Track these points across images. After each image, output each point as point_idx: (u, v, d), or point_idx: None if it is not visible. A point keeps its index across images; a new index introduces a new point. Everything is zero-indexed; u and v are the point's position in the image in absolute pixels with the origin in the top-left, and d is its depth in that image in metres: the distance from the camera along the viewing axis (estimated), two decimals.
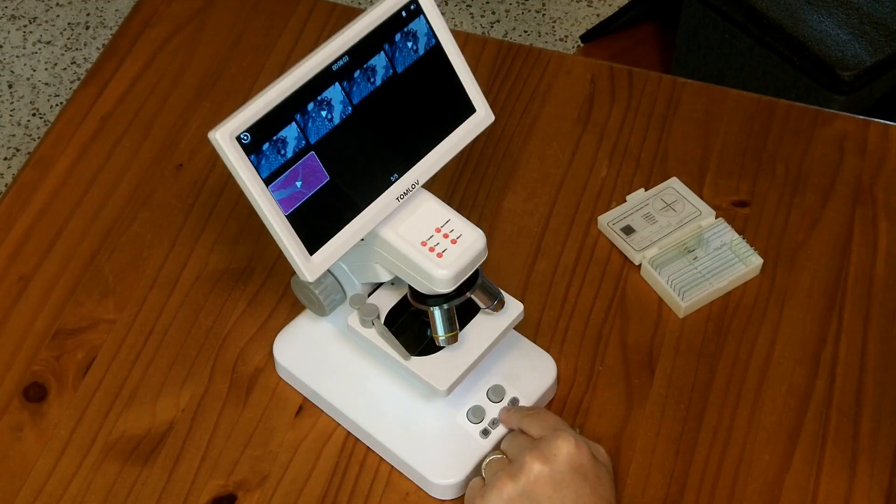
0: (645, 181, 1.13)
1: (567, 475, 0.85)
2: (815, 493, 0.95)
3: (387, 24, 0.86)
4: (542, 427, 0.90)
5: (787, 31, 1.66)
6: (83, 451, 0.97)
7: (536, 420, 0.91)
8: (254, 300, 1.05)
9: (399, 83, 0.87)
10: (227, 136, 0.80)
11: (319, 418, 0.99)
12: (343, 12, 1.27)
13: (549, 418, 0.91)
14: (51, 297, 1.05)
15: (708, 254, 1.06)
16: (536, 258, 1.08)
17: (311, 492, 0.95)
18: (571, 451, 0.86)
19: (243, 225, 1.10)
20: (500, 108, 1.19)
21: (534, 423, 0.91)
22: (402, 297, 0.95)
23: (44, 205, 1.12)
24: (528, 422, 0.92)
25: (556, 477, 0.85)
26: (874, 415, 0.98)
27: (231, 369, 1.01)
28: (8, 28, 2.40)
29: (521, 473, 0.86)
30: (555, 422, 0.91)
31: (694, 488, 0.95)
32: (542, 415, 0.92)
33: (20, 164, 2.18)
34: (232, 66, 1.23)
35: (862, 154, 1.15)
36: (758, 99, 1.20)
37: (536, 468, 0.86)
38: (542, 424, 0.91)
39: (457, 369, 0.92)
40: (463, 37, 1.23)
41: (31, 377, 1.01)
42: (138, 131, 1.17)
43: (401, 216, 0.88)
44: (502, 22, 2.42)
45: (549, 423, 0.91)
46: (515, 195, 1.13)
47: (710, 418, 0.99)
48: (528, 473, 0.86)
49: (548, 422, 0.91)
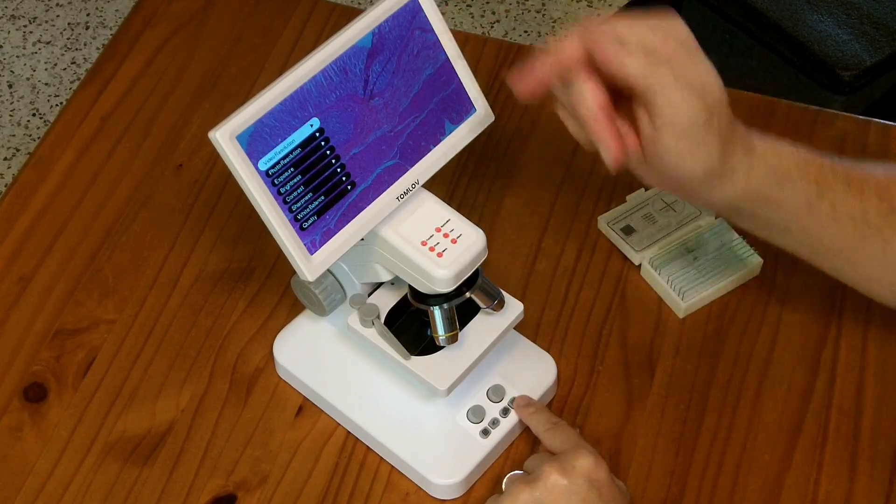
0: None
1: (583, 488, 0.85)
2: (815, 493, 0.95)
3: (387, 23, 0.86)
4: (562, 442, 0.91)
5: (787, 31, 1.66)
6: (83, 451, 0.97)
7: (557, 435, 0.92)
8: (254, 300, 1.05)
9: (399, 83, 0.87)
10: (227, 135, 0.80)
11: (319, 418, 0.99)
12: (343, 12, 1.27)
13: (571, 434, 0.92)
14: (51, 297, 1.05)
15: (708, 254, 1.06)
16: (536, 258, 1.08)
17: (311, 492, 0.95)
18: (590, 466, 0.86)
19: (243, 225, 1.10)
20: (500, 108, 1.19)
21: (555, 438, 0.92)
22: (402, 297, 0.95)
23: (44, 205, 1.12)
24: (549, 436, 0.92)
25: (571, 488, 0.85)
26: (874, 415, 0.98)
27: (231, 369, 1.01)
28: (8, 28, 2.40)
29: (539, 482, 0.86)
30: (576, 438, 0.91)
31: (694, 488, 0.95)
32: (562, 429, 0.92)
33: (20, 164, 2.18)
34: (232, 66, 1.23)
35: (862, 154, 1.15)
36: (758, 99, 1.20)
37: (553, 478, 0.86)
38: (563, 439, 0.91)
39: (457, 369, 0.92)
40: (463, 37, 1.23)
41: (31, 377, 1.01)
42: (138, 131, 1.17)
43: (401, 216, 0.88)
44: (502, 22, 2.42)
45: (571, 438, 0.91)
46: (515, 195, 1.13)
47: (710, 418, 0.99)
48: (545, 482, 0.86)
49: (569, 437, 0.91)
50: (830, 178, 0.86)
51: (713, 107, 0.79)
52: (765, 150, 0.84)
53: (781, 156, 0.85)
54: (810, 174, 0.85)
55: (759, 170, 0.83)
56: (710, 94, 0.79)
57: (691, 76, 0.78)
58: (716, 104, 0.80)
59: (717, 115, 0.80)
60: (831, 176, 0.86)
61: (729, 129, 0.81)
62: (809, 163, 0.85)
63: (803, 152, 0.85)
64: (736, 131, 0.82)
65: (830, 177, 0.86)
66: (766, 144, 0.84)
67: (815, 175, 0.85)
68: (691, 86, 0.78)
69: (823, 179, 0.85)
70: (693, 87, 0.78)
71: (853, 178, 0.86)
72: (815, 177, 0.85)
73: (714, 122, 0.80)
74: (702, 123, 0.79)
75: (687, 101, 0.78)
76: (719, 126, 0.80)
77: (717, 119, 0.80)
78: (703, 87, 0.79)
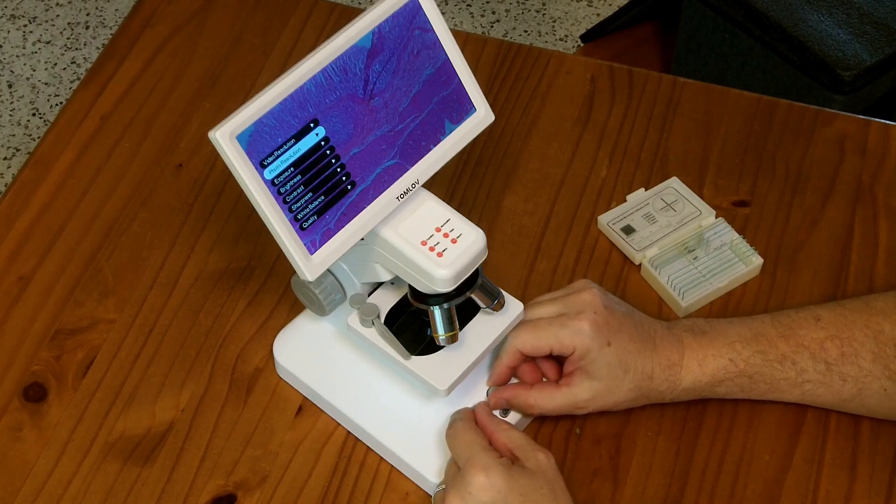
0: (645, 181, 1.13)
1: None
2: (815, 493, 0.95)
3: (387, 23, 0.86)
4: (457, 456, 0.89)
5: (787, 31, 1.66)
6: (83, 451, 0.97)
7: (454, 448, 0.90)
8: (254, 300, 1.05)
9: (399, 83, 0.87)
10: (227, 135, 0.80)
11: (319, 418, 0.99)
12: (343, 12, 1.27)
13: (462, 444, 0.89)
14: (50, 297, 1.05)
15: (708, 254, 1.06)
16: (536, 258, 1.08)
17: (311, 492, 0.95)
18: (483, 484, 0.85)
19: (243, 225, 1.10)
20: (500, 108, 1.19)
21: (453, 450, 0.90)
22: (402, 296, 0.95)
23: (44, 205, 1.12)
24: (451, 446, 0.90)
25: None
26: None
27: (231, 369, 1.01)
28: (8, 28, 2.40)
29: None
30: (468, 447, 0.88)
31: (694, 488, 0.95)
32: (458, 438, 0.90)
33: (20, 164, 2.18)
34: (232, 66, 1.23)
35: (862, 154, 1.15)
36: (758, 99, 1.20)
37: None
38: (458, 454, 0.89)
39: (457, 369, 0.92)
40: (463, 37, 1.23)
41: (31, 377, 1.01)
42: (138, 131, 1.17)
43: (401, 216, 0.88)
44: (502, 22, 2.42)
45: (463, 451, 0.88)
46: (515, 195, 1.13)
47: (710, 418, 0.98)
48: None
49: (461, 450, 0.89)
50: (761, 364, 0.94)
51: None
52: (687, 373, 0.95)
53: (706, 374, 0.94)
54: (740, 370, 0.94)
55: (685, 387, 0.95)
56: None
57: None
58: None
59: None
60: (761, 361, 0.94)
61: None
62: (738, 360, 0.94)
63: (736, 345, 0.94)
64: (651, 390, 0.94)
65: (761, 363, 0.94)
66: (692, 376, 0.94)
67: (745, 369, 0.94)
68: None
69: (755, 371, 0.94)
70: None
71: (786, 350, 0.94)
72: (745, 371, 0.94)
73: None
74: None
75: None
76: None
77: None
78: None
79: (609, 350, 0.91)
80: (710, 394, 0.96)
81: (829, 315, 0.95)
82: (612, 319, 0.92)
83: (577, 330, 0.91)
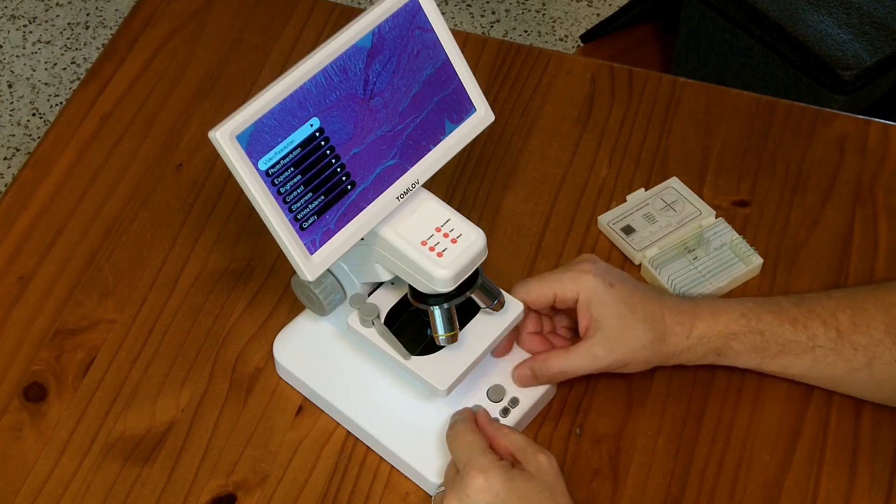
0: (645, 181, 1.13)
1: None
2: (815, 492, 0.95)
3: (387, 23, 0.86)
4: (457, 458, 0.89)
5: (787, 30, 1.66)
6: (83, 451, 0.97)
7: (454, 450, 0.90)
8: (254, 300, 1.05)
9: (399, 83, 0.87)
10: (227, 135, 0.80)
11: (319, 418, 0.99)
12: (343, 12, 1.27)
13: (461, 446, 0.89)
14: (51, 297, 1.05)
15: (708, 254, 1.06)
16: (536, 258, 1.08)
17: (311, 492, 0.95)
18: (481, 487, 0.84)
19: (243, 225, 1.10)
20: (500, 108, 1.19)
21: (453, 451, 0.90)
22: (402, 296, 0.95)
23: (44, 205, 1.12)
24: (450, 448, 0.90)
25: None
26: (874, 415, 0.98)
27: (231, 369, 1.01)
28: (8, 28, 2.40)
29: None
30: (467, 450, 0.88)
31: (694, 488, 0.95)
32: (458, 440, 0.90)
33: (20, 164, 2.18)
34: (232, 66, 1.23)
35: (862, 154, 1.15)
36: (758, 99, 1.20)
37: None
38: (457, 456, 0.89)
39: (457, 369, 0.92)
40: (463, 37, 1.23)
41: (31, 377, 1.01)
42: (138, 131, 1.17)
43: (401, 216, 0.88)
44: (502, 22, 2.42)
45: (463, 453, 0.88)
46: (515, 195, 1.13)
47: (710, 418, 0.99)
48: None
49: (460, 452, 0.89)
50: (772, 322, 0.95)
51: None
52: (703, 332, 0.95)
53: (719, 323, 0.95)
54: (752, 326, 0.95)
55: (699, 334, 0.95)
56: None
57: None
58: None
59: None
60: (772, 319, 0.95)
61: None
62: (749, 316, 0.95)
63: (748, 304, 0.96)
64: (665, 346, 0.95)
65: (772, 321, 0.95)
66: (705, 324, 0.95)
67: (757, 325, 0.95)
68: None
69: (766, 327, 0.95)
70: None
71: (797, 315, 0.95)
72: (757, 327, 0.95)
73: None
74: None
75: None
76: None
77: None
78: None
79: (613, 291, 0.93)
80: (725, 350, 0.95)
81: (840, 293, 0.97)
82: (612, 270, 0.96)
83: (579, 272, 0.94)
